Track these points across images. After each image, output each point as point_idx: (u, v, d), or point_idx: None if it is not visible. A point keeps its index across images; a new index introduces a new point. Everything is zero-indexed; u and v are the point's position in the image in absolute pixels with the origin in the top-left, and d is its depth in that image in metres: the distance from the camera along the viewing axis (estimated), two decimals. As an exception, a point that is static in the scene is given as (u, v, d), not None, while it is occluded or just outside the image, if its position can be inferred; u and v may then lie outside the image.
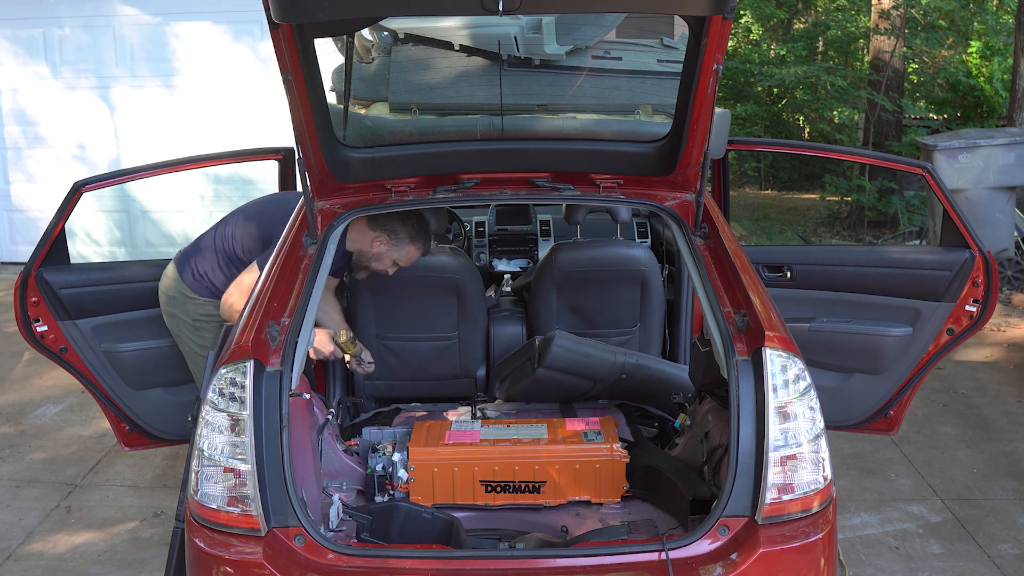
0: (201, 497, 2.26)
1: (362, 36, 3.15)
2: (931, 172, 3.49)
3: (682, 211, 2.99)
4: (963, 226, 3.41)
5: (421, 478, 2.81)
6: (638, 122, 3.33)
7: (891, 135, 10.94)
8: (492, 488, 2.81)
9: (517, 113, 3.25)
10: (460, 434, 2.94)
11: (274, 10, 2.26)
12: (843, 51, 14.59)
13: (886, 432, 3.70)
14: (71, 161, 8.05)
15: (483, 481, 2.81)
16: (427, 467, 2.81)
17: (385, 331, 3.53)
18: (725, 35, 2.46)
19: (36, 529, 3.83)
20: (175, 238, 8.00)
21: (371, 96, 3.34)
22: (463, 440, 2.90)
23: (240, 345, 2.35)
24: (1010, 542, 3.70)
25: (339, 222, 2.94)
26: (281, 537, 2.23)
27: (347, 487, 2.73)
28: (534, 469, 2.80)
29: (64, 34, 7.83)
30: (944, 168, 6.99)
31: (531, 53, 3.05)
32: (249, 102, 7.57)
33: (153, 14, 7.66)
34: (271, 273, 2.71)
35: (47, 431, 4.84)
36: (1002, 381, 5.53)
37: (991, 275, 3.39)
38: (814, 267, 3.62)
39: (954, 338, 3.49)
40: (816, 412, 2.29)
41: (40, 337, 3.43)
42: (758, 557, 2.18)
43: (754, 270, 2.73)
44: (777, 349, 2.29)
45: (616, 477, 2.81)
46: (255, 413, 2.26)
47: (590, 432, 2.92)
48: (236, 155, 3.98)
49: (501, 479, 2.80)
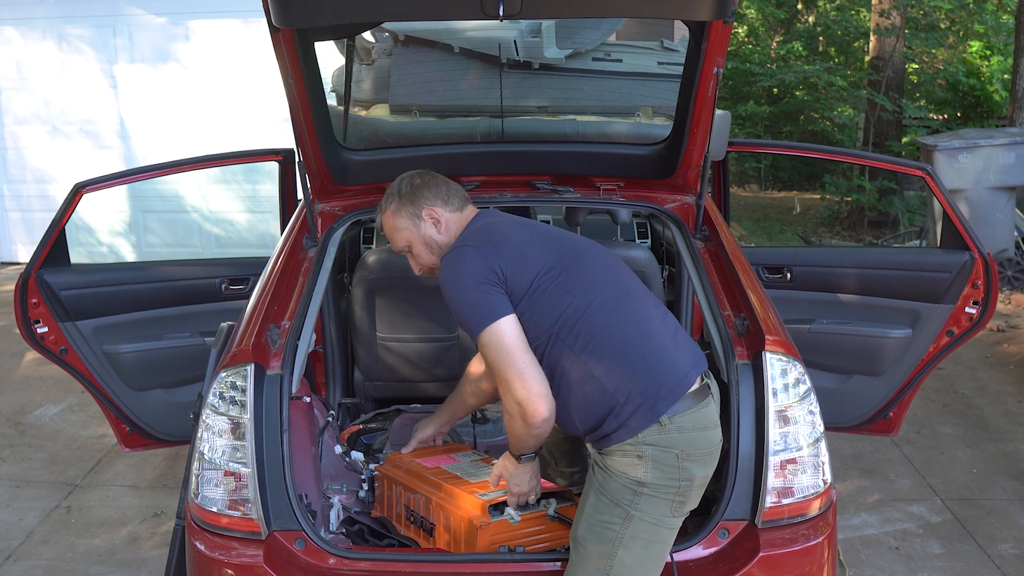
0: (202, 500, 2.27)
1: (363, 38, 3.15)
2: (931, 174, 3.50)
3: (682, 213, 3.00)
4: (963, 228, 3.41)
5: (381, 489, 2.68)
6: (638, 124, 3.34)
7: (891, 135, 10.94)
8: (408, 518, 2.58)
9: (517, 115, 3.25)
10: (438, 458, 2.70)
11: (274, 15, 2.27)
12: (843, 51, 14.59)
13: (886, 433, 3.70)
14: (75, 158, 8.03)
15: (405, 506, 2.59)
16: (381, 479, 2.68)
17: (385, 331, 3.53)
18: (725, 38, 2.46)
19: (36, 529, 3.84)
20: (176, 238, 8.00)
21: (371, 98, 3.34)
22: (425, 463, 2.65)
23: (241, 348, 2.35)
24: (1010, 542, 3.70)
25: (339, 224, 2.94)
26: (282, 540, 2.23)
27: (347, 490, 2.73)
28: (430, 509, 2.50)
29: (72, 30, 7.82)
30: (944, 168, 6.99)
31: (531, 57, 3.05)
32: (262, 97, 7.54)
33: (162, 12, 7.64)
34: (271, 276, 2.71)
35: (47, 431, 4.84)
36: (1002, 381, 5.53)
37: (991, 277, 3.39)
38: (814, 268, 3.63)
39: (954, 340, 3.49)
40: (816, 416, 2.30)
41: (40, 338, 3.43)
42: (758, 560, 2.19)
43: (754, 273, 2.74)
44: (777, 353, 2.30)
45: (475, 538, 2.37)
46: (256, 417, 2.26)
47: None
48: (237, 156, 3.98)
49: (415, 510, 2.55)
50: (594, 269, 2.32)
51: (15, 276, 3.54)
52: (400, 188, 2.46)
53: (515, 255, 2.27)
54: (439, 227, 2.42)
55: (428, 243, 2.43)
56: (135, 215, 8.01)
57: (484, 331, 2.17)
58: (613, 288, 2.29)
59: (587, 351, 2.19)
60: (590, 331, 2.20)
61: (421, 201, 2.42)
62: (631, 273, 2.41)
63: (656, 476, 2.13)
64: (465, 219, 2.45)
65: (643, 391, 2.15)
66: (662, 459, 2.13)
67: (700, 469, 2.18)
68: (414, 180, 2.47)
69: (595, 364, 2.18)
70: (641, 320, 2.26)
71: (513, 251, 2.27)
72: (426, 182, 2.46)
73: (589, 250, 2.39)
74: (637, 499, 2.13)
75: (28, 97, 8.03)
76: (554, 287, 2.24)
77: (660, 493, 2.14)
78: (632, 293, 2.32)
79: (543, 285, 2.24)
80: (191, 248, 7.90)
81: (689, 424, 2.16)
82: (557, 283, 2.24)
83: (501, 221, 2.40)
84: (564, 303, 2.22)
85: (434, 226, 2.42)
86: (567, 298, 2.23)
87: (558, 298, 2.23)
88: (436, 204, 2.42)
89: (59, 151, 8.09)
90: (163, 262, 3.45)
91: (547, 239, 2.37)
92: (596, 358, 2.18)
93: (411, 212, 2.43)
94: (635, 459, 2.14)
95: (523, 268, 2.24)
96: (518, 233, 2.35)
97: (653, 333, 2.25)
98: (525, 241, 2.33)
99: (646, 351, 2.20)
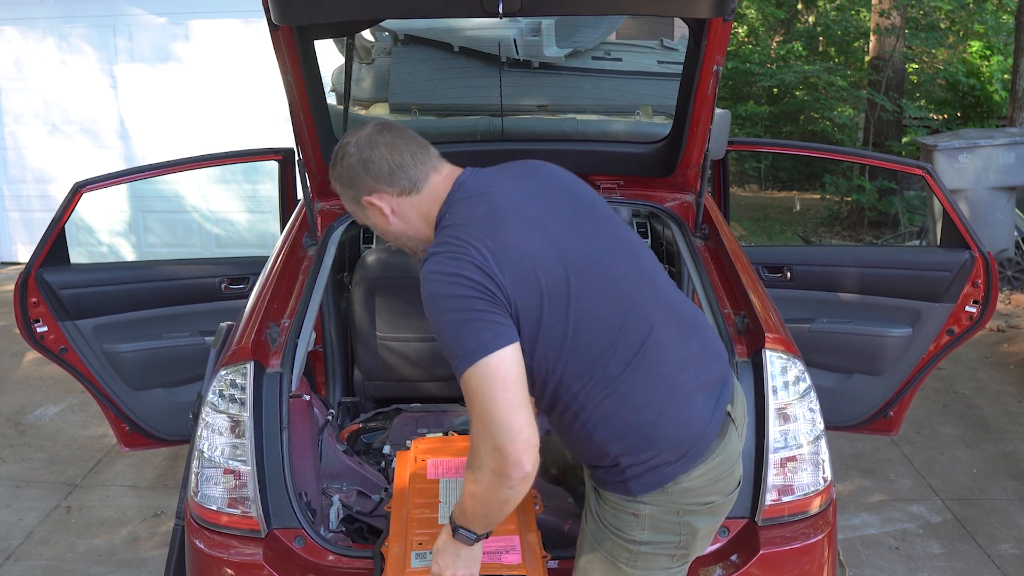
0: (201, 499, 2.26)
1: (362, 37, 3.15)
2: (931, 173, 3.50)
3: (682, 212, 3.00)
4: (963, 227, 3.41)
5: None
6: (638, 123, 3.34)
7: (891, 135, 10.94)
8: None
9: (517, 114, 3.25)
10: (449, 464, 2.53)
11: (274, 12, 2.27)
12: (843, 51, 14.59)
13: (886, 433, 3.70)
14: (75, 158, 8.03)
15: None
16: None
17: (385, 331, 3.53)
18: (725, 36, 2.47)
19: (36, 529, 3.84)
20: (176, 238, 8.00)
21: (371, 97, 3.35)
22: (432, 467, 2.52)
23: (240, 346, 2.35)
24: (1010, 542, 3.70)
25: (339, 223, 2.95)
26: (281, 538, 2.23)
27: (347, 488, 2.73)
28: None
29: (72, 30, 7.82)
30: (944, 168, 6.99)
31: (531, 56, 3.06)
32: (262, 97, 7.55)
33: (162, 12, 7.64)
34: (271, 274, 2.71)
35: (47, 431, 4.84)
36: (1002, 381, 5.53)
37: (991, 276, 3.39)
38: (814, 268, 3.62)
39: (954, 339, 3.49)
40: (816, 414, 2.30)
41: (40, 338, 3.43)
42: (758, 558, 2.19)
43: (754, 271, 2.74)
44: (777, 350, 2.30)
45: None
46: (255, 415, 2.26)
47: None
48: (236, 156, 3.98)
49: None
50: (619, 278, 1.82)
51: (15, 276, 3.53)
52: (337, 164, 1.91)
53: (515, 257, 1.73)
54: (386, 219, 1.89)
55: (385, 233, 1.94)
56: (135, 215, 8.00)
57: (468, 370, 1.67)
58: (641, 322, 1.80)
59: (589, 409, 1.80)
60: (602, 387, 1.78)
61: (359, 186, 1.87)
62: (658, 267, 1.96)
63: (654, 535, 1.87)
64: (435, 196, 1.86)
65: (648, 460, 1.81)
66: (661, 517, 1.86)
67: (706, 521, 1.90)
68: (348, 155, 1.87)
69: (596, 427, 1.81)
70: (666, 372, 1.81)
71: (512, 251, 1.73)
72: (365, 157, 1.84)
73: (613, 246, 1.88)
74: (635, 558, 1.88)
75: (28, 97, 8.03)
76: (561, 320, 1.75)
77: (659, 549, 1.88)
78: (660, 320, 1.83)
79: (553, 308, 1.74)
80: (191, 248, 7.90)
81: (699, 483, 1.85)
82: (570, 307, 1.75)
83: (491, 202, 1.81)
84: (576, 343, 1.76)
85: (382, 216, 1.89)
86: (583, 336, 1.76)
87: (568, 334, 1.76)
88: (379, 188, 1.86)
89: (59, 151, 8.08)
90: (163, 261, 3.45)
91: (559, 223, 1.82)
92: (601, 421, 1.80)
93: (352, 197, 1.92)
94: (631, 516, 1.86)
95: (526, 276, 1.73)
96: (516, 219, 1.79)
97: (676, 388, 1.81)
98: (527, 232, 1.77)
99: (661, 416, 1.80)
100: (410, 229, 1.90)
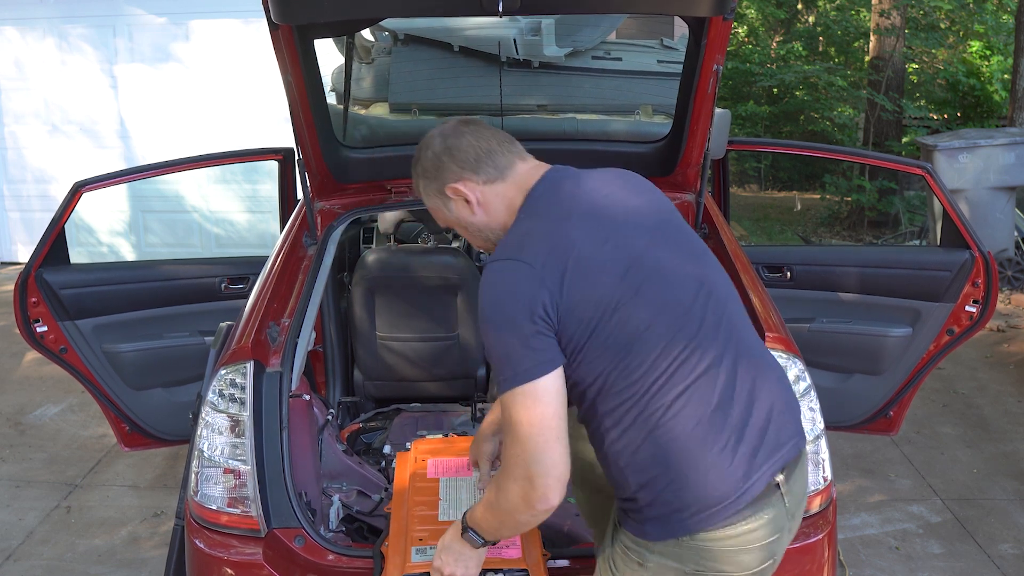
0: (201, 498, 2.26)
1: (362, 37, 3.15)
2: (931, 173, 3.50)
3: (682, 211, 2.99)
4: (963, 226, 3.41)
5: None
6: (638, 122, 3.34)
7: (891, 135, 10.94)
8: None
9: (517, 114, 3.25)
10: (450, 464, 2.51)
11: (274, 11, 2.27)
12: (843, 51, 14.59)
13: (886, 433, 3.70)
14: (75, 158, 8.03)
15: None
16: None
17: (385, 331, 3.53)
18: (725, 35, 2.47)
19: (36, 529, 3.83)
20: (176, 238, 7.99)
21: (371, 97, 3.35)
22: (433, 467, 2.51)
23: (240, 346, 2.35)
24: (1010, 542, 3.70)
25: (339, 223, 2.95)
26: (281, 538, 2.23)
27: (347, 488, 2.73)
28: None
29: (72, 30, 7.82)
30: (944, 168, 6.99)
31: (531, 55, 3.06)
32: (262, 97, 7.55)
33: (162, 12, 7.64)
34: (271, 274, 2.71)
35: (47, 431, 4.84)
36: (1002, 381, 5.53)
37: (991, 276, 3.39)
38: (814, 267, 3.63)
39: (954, 339, 3.49)
40: (816, 413, 2.30)
41: (40, 338, 3.43)
42: (758, 558, 2.18)
43: (754, 270, 2.73)
44: (777, 350, 2.30)
45: None
46: (255, 414, 2.26)
47: None
48: (236, 155, 3.98)
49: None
50: (688, 300, 1.71)
51: (15, 276, 3.53)
52: (421, 156, 1.88)
53: (584, 266, 1.66)
54: (470, 209, 1.84)
55: (467, 228, 1.88)
56: (135, 215, 8.00)
57: (510, 392, 1.63)
58: (700, 353, 1.69)
59: (621, 429, 1.70)
60: (638, 411, 1.68)
61: (444, 174, 1.83)
62: (733, 295, 1.83)
63: None
64: (520, 186, 1.81)
65: (670, 502, 1.68)
66: (667, 568, 1.73)
67: None
68: (433, 145, 1.85)
69: (622, 452, 1.71)
70: (710, 415, 1.67)
71: (583, 261, 1.66)
72: (451, 145, 1.82)
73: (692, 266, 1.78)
74: None
75: (28, 97, 8.03)
76: (615, 335, 1.66)
77: None
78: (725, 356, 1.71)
79: (601, 329, 1.66)
80: (191, 248, 7.90)
81: (718, 547, 1.69)
82: (629, 321, 1.66)
83: (573, 201, 1.75)
84: (627, 359, 1.67)
85: (466, 207, 1.84)
86: (636, 353, 1.67)
87: (620, 347, 1.67)
88: (465, 176, 1.81)
89: (59, 151, 8.08)
90: (163, 261, 3.45)
91: (640, 233, 1.74)
92: (628, 447, 1.70)
93: (436, 189, 1.86)
94: (635, 564, 1.75)
95: (591, 282, 1.66)
96: (593, 224, 1.71)
97: (718, 435, 1.67)
98: (603, 236, 1.70)
99: (688, 459, 1.67)
100: (493, 221, 1.83)
